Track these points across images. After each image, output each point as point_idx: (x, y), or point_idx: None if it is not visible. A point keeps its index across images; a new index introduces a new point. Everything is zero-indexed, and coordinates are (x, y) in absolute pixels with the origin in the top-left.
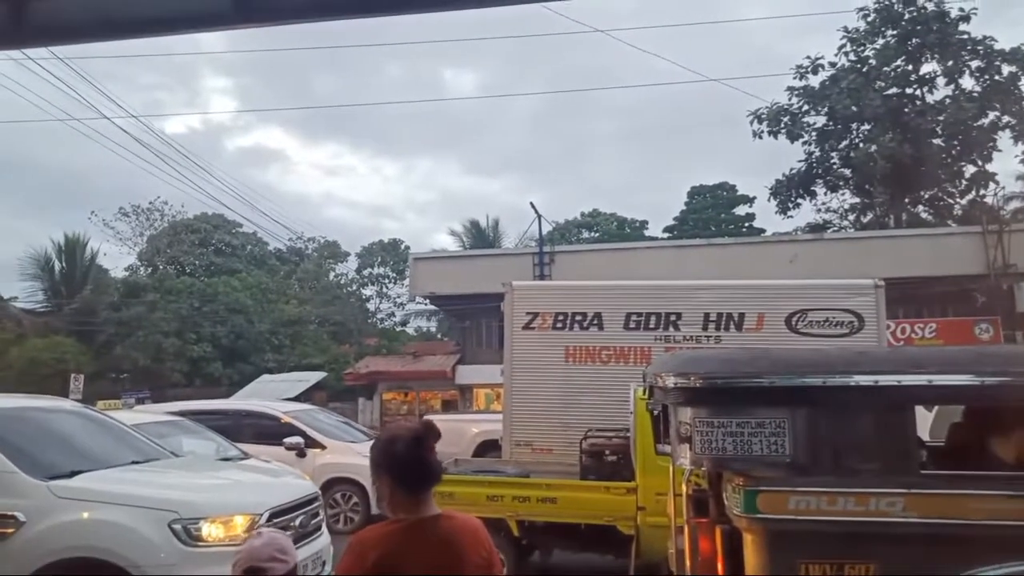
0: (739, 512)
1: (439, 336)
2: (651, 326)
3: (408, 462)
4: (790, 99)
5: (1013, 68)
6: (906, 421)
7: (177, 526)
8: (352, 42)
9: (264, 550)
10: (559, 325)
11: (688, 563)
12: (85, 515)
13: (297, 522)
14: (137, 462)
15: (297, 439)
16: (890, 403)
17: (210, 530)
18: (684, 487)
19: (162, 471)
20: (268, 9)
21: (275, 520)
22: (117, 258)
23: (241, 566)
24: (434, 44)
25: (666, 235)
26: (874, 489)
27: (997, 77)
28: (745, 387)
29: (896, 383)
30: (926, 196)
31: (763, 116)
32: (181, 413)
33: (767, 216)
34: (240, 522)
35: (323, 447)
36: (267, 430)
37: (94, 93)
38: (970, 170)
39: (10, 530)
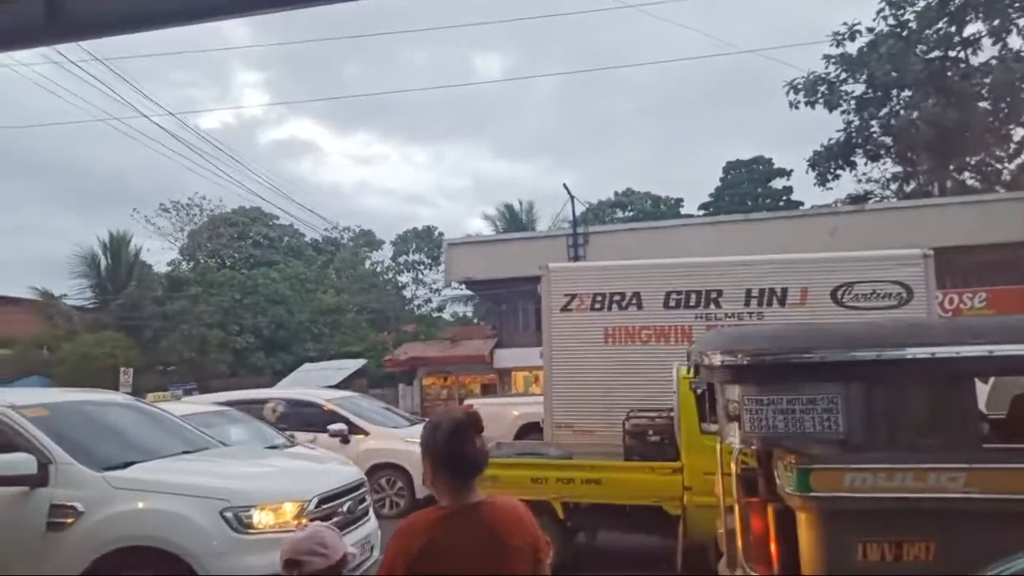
0: (792, 491)
1: (476, 321)
2: (691, 304)
3: (446, 451)
4: (827, 67)
5: None
6: (966, 394)
7: (228, 514)
8: (376, 29)
9: (304, 543)
10: (597, 306)
11: (739, 544)
12: (140, 504)
13: (345, 507)
14: (187, 452)
15: (341, 426)
16: (948, 375)
17: (260, 517)
18: (733, 466)
19: (212, 460)
20: (82, 23)
21: (323, 506)
22: (159, 253)
23: (283, 557)
24: (459, 29)
25: (702, 212)
26: (934, 464)
27: None
28: (795, 363)
29: (954, 355)
30: (972, 162)
31: (799, 86)
32: (227, 403)
33: (805, 189)
34: (289, 509)
35: (366, 433)
36: (311, 417)
37: (130, 92)
38: (1019, 133)
39: (70, 520)
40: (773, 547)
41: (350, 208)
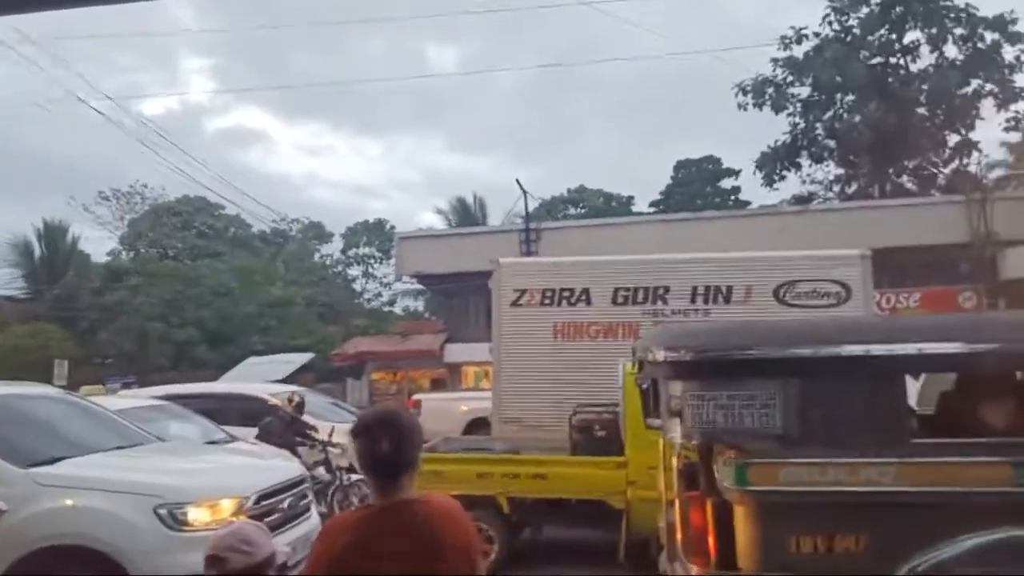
0: (730, 485)
1: (427, 315)
2: (639, 300)
3: (360, 451)
4: (774, 70)
5: (996, 35)
6: (897, 390)
7: (163, 511)
8: (330, 19)
9: (226, 539)
10: (547, 301)
11: (679, 537)
12: (69, 502)
13: (285, 504)
14: (122, 447)
15: None
16: (880, 372)
17: (196, 514)
18: (674, 461)
19: (147, 456)
20: None
21: (263, 502)
22: (98, 243)
23: (205, 554)
24: (415, 19)
25: (652, 210)
26: (865, 459)
27: (980, 45)
28: (735, 359)
29: (886, 352)
30: (910, 166)
31: (748, 88)
32: (166, 397)
33: (753, 189)
34: (227, 505)
35: (312, 428)
36: (254, 412)
37: (69, 76)
38: (954, 139)
39: None
40: (711, 540)
41: (299, 199)
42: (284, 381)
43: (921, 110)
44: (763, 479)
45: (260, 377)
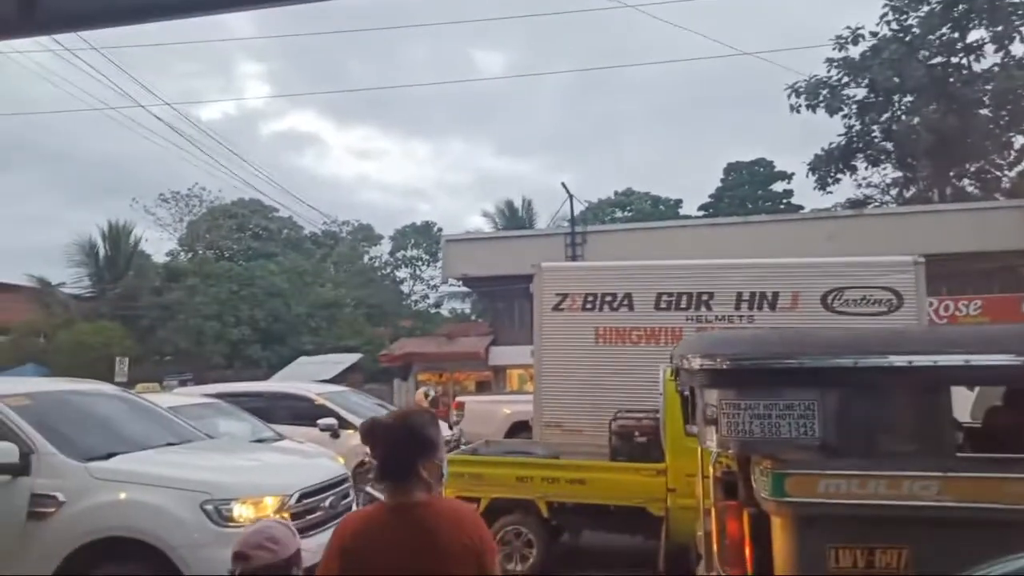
0: (767, 495)
1: (473, 317)
2: (682, 306)
3: (384, 454)
4: (829, 71)
5: None
6: (941, 402)
7: (209, 506)
8: (380, 24)
9: (252, 537)
10: (588, 306)
11: (716, 546)
12: (122, 495)
13: (327, 503)
14: (172, 444)
15: (331, 420)
16: (925, 384)
17: (241, 511)
18: (712, 469)
19: (196, 453)
20: (59, 17)
21: (305, 501)
22: (158, 244)
23: (232, 551)
24: (462, 24)
25: (701, 213)
26: (907, 472)
27: None
28: (772, 368)
29: (931, 363)
30: (972, 169)
31: (801, 90)
32: (217, 395)
33: (805, 192)
34: (270, 503)
35: (356, 428)
36: (301, 411)
37: (129, 82)
38: (1019, 141)
39: (51, 510)
40: (747, 551)
41: (350, 202)
42: (332, 381)
43: (984, 111)
44: (801, 490)
45: (310, 377)
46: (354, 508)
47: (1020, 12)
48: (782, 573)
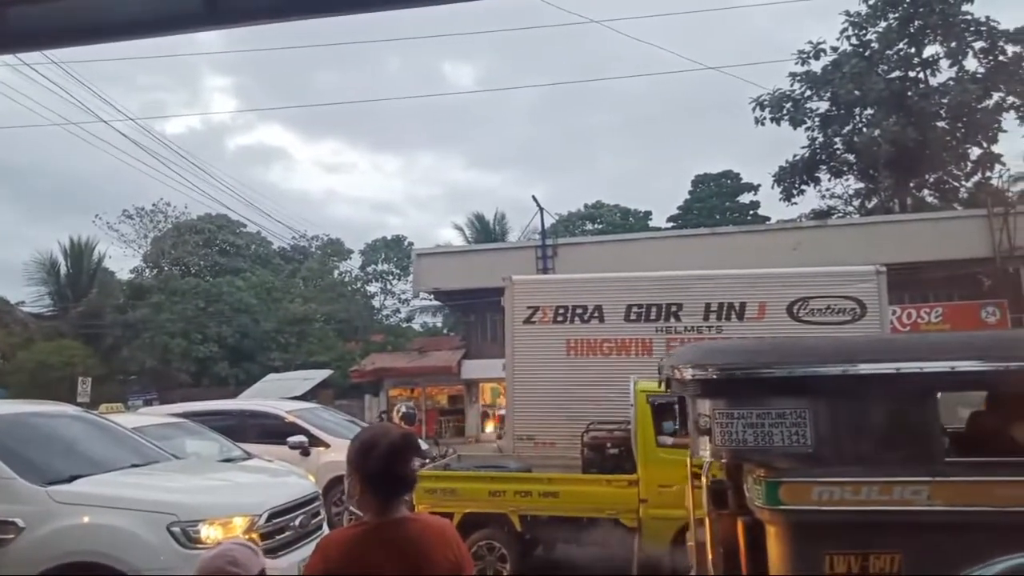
0: (761, 504)
1: (445, 331)
2: (652, 317)
3: (381, 472)
4: (792, 85)
5: (1017, 48)
6: (929, 408)
7: (176, 528)
8: (348, 38)
9: (214, 561)
10: (560, 318)
11: (710, 556)
12: (85, 519)
13: (297, 522)
14: (137, 465)
15: (301, 438)
16: (913, 391)
17: (208, 532)
18: (704, 479)
19: (161, 474)
20: (239, 10)
21: (274, 520)
22: (122, 260)
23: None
24: (431, 39)
25: (670, 225)
26: (898, 478)
27: (1001, 58)
28: (765, 378)
29: (918, 370)
30: (931, 180)
31: (765, 103)
32: (184, 415)
33: (772, 204)
34: (239, 523)
35: (327, 445)
36: (271, 429)
37: (91, 97)
38: (975, 152)
39: (10, 536)
40: (743, 559)
41: (319, 216)
42: (302, 398)
43: (941, 123)
44: (795, 498)
45: (279, 394)
46: (325, 527)
47: (972, 29)
48: None
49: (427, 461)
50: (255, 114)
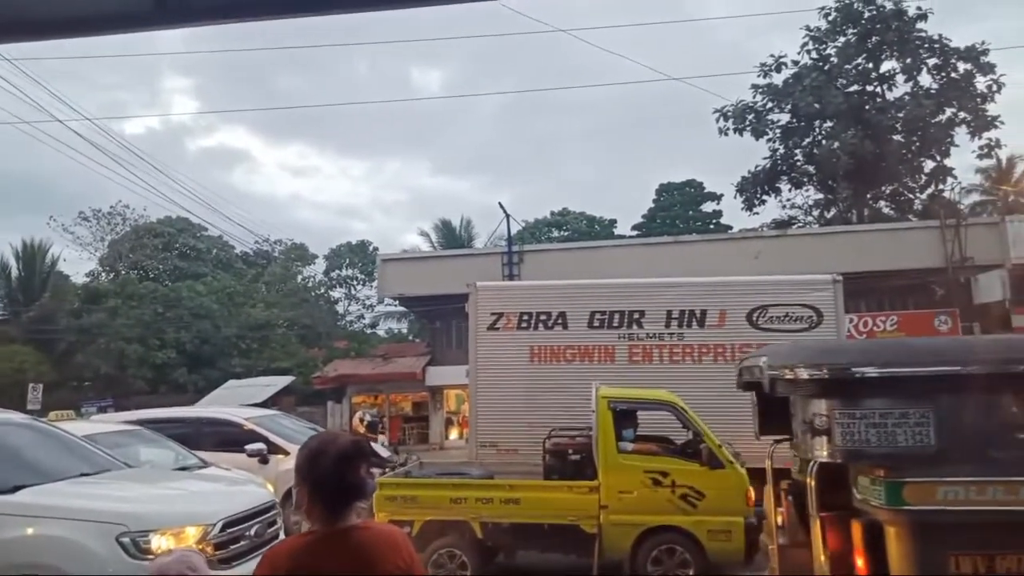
0: (880, 504)
1: (410, 337)
2: (615, 324)
3: (330, 480)
4: (755, 97)
5: (968, 66)
6: None
7: (126, 539)
8: (314, 41)
9: (173, 566)
10: (524, 325)
11: (821, 559)
12: (29, 531)
13: (252, 531)
14: (87, 474)
15: (259, 446)
16: None
17: (160, 542)
18: (810, 480)
19: (112, 483)
20: (190, 9)
21: (229, 530)
22: (77, 264)
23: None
24: (399, 44)
25: (635, 233)
26: None
27: (953, 75)
28: (889, 377)
29: None
30: (887, 191)
31: (729, 114)
32: (139, 422)
33: (734, 213)
34: (192, 533)
35: (286, 453)
36: (229, 437)
37: (46, 95)
38: (929, 165)
39: None
40: (860, 561)
41: (283, 220)
42: (263, 404)
43: (897, 137)
44: (919, 498)
45: (239, 400)
46: (282, 536)
47: (926, 46)
48: None
49: (387, 469)
50: (218, 116)
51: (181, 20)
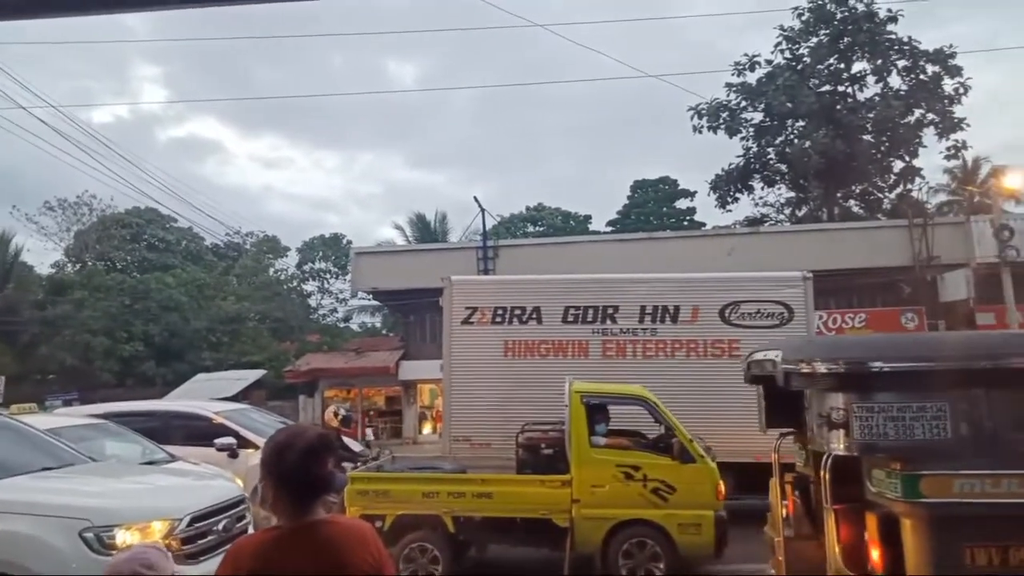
0: (897, 496)
1: (384, 331)
2: (589, 319)
3: (296, 473)
4: (728, 95)
5: (936, 68)
6: None
7: (89, 534)
8: (289, 31)
9: (126, 564)
10: (498, 319)
11: (835, 551)
12: None
13: (220, 526)
14: (49, 468)
15: (229, 440)
16: None
17: (125, 537)
18: (824, 472)
19: (76, 477)
20: None
21: (196, 524)
22: (42, 254)
23: None
24: (376, 36)
25: (610, 229)
26: None
27: (922, 76)
28: (906, 371)
29: None
30: (857, 191)
31: (703, 111)
32: (105, 415)
33: (708, 210)
34: (158, 528)
35: (256, 447)
36: (198, 431)
37: (8, 81)
38: (898, 165)
39: None
40: (876, 552)
41: (255, 212)
42: (234, 398)
43: (867, 137)
44: (936, 491)
45: (209, 394)
46: (251, 531)
47: (896, 48)
48: (916, 573)
49: (359, 464)
50: (188, 106)
51: (137, 5)
